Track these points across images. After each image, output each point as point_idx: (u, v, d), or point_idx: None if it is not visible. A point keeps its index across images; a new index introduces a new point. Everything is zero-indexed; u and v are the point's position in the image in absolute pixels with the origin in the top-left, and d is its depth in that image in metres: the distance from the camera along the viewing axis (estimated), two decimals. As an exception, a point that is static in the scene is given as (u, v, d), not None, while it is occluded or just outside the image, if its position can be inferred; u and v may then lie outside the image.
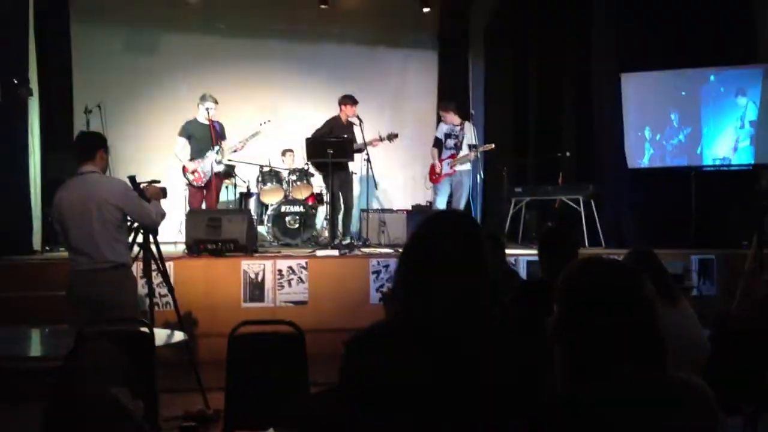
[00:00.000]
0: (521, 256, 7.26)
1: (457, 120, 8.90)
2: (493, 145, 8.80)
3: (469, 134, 8.92)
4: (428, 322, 1.89)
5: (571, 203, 8.79)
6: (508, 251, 6.40)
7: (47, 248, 7.68)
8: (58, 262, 6.23)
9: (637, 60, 9.03)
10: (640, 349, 1.70)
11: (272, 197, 8.87)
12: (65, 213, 4.54)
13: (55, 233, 4.86)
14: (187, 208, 8.23)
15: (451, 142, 8.91)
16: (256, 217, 8.57)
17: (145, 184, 4.95)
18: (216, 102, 8.35)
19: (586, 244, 8.39)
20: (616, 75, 9.16)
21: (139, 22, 9.97)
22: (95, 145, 4.68)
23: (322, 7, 10.06)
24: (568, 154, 9.08)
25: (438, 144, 8.95)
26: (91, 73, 9.51)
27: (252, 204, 9.16)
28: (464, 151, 8.76)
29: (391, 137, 8.53)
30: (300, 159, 9.17)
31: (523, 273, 6.93)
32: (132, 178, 4.92)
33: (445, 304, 1.89)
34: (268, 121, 8.62)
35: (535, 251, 4.20)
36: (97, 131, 6.26)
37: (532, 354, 1.92)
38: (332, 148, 8.13)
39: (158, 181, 5.11)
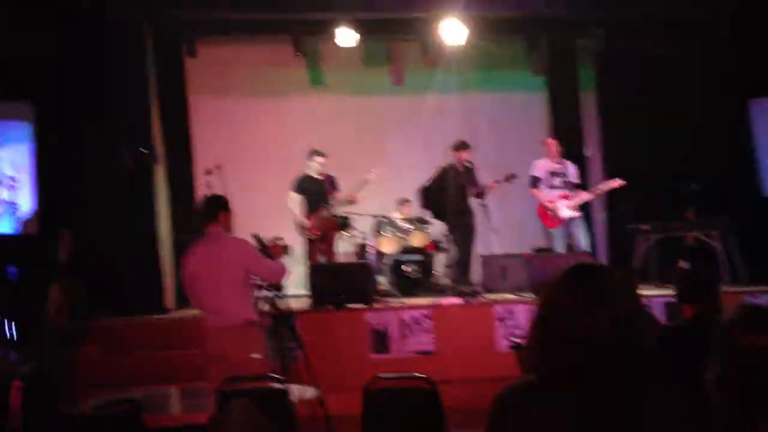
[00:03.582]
0: (656, 297, 6.89)
1: (558, 156, 8.68)
2: (623, 181, 8.39)
3: (573, 173, 8.68)
4: (580, 374, 1.79)
5: (705, 238, 8.33)
6: (641, 292, 6.11)
7: (179, 307, 7.94)
8: (190, 320, 6.40)
9: (765, 85, 8.60)
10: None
11: (390, 247, 8.87)
12: (194, 273, 4.68)
13: (186, 292, 5.04)
14: (307, 262, 8.33)
15: (557, 180, 8.61)
16: (375, 268, 8.57)
17: (268, 242, 5.04)
18: (324, 156, 8.48)
19: (726, 281, 7.88)
20: (743, 101, 8.75)
21: (251, 86, 10.29)
22: (218, 207, 4.83)
23: (426, 56, 10.10)
24: (696, 186, 8.63)
25: (536, 184, 8.63)
26: (209, 137, 9.89)
27: (370, 254, 9.19)
28: (569, 190, 8.52)
29: (509, 178, 8.36)
30: (416, 208, 9.17)
31: (660, 315, 6.58)
32: (256, 236, 5.01)
33: (594, 356, 1.79)
34: (373, 171, 8.61)
35: (669, 291, 4.00)
36: (219, 193, 6.46)
37: (685, 402, 1.80)
38: (447, 194, 8.08)
39: (281, 238, 5.20)
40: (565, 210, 8.49)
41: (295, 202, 8.51)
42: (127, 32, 8.22)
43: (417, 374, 3.80)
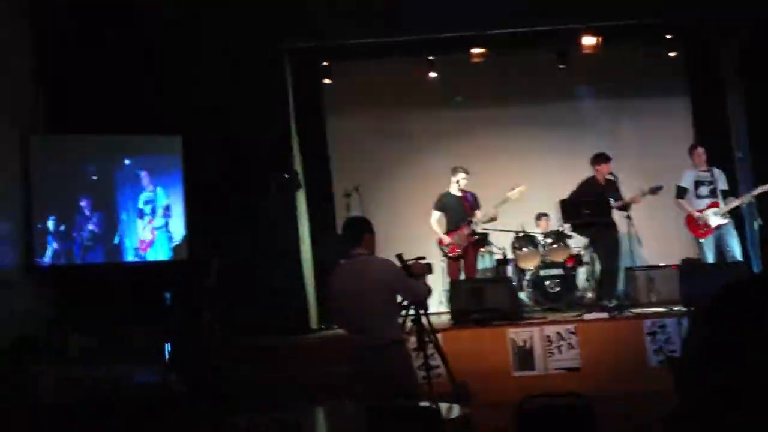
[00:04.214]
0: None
1: (705, 164, 8.32)
2: None
3: (722, 179, 8.29)
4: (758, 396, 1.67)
5: None
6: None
7: (323, 326, 8.13)
8: (334, 340, 6.52)
9: None
10: None
11: (529, 262, 8.74)
12: (341, 294, 4.75)
13: (330, 312, 5.18)
14: (446, 279, 8.33)
15: (705, 190, 8.29)
16: (515, 283, 8.46)
17: (411, 262, 5.06)
18: (467, 173, 8.47)
19: None
20: None
21: (385, 107, 10.42)
22: (362, 229, 4.88)
23: (563, 67, 9.85)
24: None
25: (682, 194, 8.35)
26: (346, 159, 10.09)
27: (509, 270, 9.08)
28: (718, 198, 8.10)
29: (655, 190, 8.06)
30: (555, 222, 8.99)
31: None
32: (399, 256, 5.04)
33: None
34: (515, 188, 8.51)
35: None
36: (361, 215, 6.57)
37: None
38: (588, 207, 7.88)
39: (423, 258, 5.22)
40: (715, 218, 8.11)
41: (436, 219, 8.54)
42: (266, 59, 8.57)
43: (573, 392, 3.70)
